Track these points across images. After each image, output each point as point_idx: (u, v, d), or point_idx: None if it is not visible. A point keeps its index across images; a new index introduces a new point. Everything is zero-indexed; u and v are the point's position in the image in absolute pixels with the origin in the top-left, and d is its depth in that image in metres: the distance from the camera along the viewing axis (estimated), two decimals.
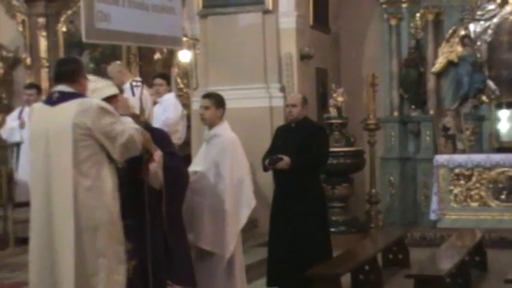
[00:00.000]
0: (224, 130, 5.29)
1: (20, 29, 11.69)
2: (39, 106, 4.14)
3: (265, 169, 6.28)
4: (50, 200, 3.93)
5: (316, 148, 6.14)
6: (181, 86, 11.08)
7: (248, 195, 5.22)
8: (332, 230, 9.03)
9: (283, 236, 6.03)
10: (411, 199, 9.97)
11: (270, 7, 8.92)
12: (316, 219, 6.08)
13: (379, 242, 7.60)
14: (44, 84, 11.27)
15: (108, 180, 4.00)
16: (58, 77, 4.09)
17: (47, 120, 3.99)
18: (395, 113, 10.15)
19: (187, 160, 8.64)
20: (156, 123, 7.35)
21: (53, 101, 4.01)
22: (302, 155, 6.05)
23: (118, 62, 8.14)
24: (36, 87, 8.69)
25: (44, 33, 11.65)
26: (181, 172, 4.65)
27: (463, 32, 9.92)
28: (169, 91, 7.98)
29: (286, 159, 6.00)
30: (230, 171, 5.09)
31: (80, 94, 4.06)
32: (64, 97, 4.02)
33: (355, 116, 9.58)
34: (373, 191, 9.30)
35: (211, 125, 5.32)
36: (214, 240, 5.03)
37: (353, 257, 6.57)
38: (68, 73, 4.08)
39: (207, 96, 5.48)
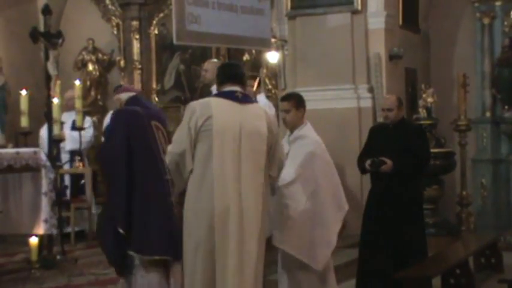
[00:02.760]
0: (309, 131, 5.21)
1: (115, 32, 12.07)
2: (221, 101, 4.22)
3: (364, 171, 6.14)
4: (241, 199, 4.09)
5: (418, 150, 5.97)
6: (270, 86, 11.16)
7: (341, 198, 5.14)
8: None
9: (378, 240, 5.92)
10: (504, 202, 9.69)
11: (359, 7, 8.88)
12: (415, 224, 5.97)
13: (471, 245, 7.43)
14: (137, 85, 11.61)
15: None
16: (233, 78, 4.31)
17: (238, 116, 4.17)
18: (488, 114, 9.90)
19: None
20: None
21: (239, 99, 4.24)
22: (405, 157, 5.88)
23: (215, 60, 8.27)
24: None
25: (137, 36, 11.99)
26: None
27: None
28: (259, 92, 8.05)
29: (389, 162, 5.83)
30: (323, 175, 4.99)
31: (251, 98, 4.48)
32: (246, 98, 4.33)
33: (445, 116, 9.41)
34: (464, 193, 9.11)
35: (293, 127, 5.21)
36: (304, 248, 4.90)
37: (444, 260, 6.45)
38: (242, 76, 4.39)
39: (286, 98, 5.37)
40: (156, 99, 12.08)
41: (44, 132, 7.94)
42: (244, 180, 4.08)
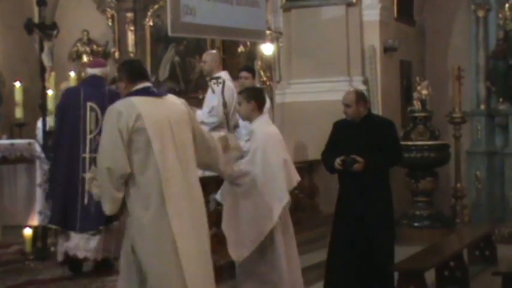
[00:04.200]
0: (259, 125, 5.19)
1: (110, 23, 12.04)
2: (142, 98, 4.16)
3: (333, 170, 5.66)
4: (189, 185, 4.13)
5: (388, 146, 5.59)
6: (264, 78, 11.15)
7: (280, 189, 5.06)
8: (416, 224, 8.99)
9: (348, 238, 5.57)
10: (499, 194, 9.71)
11: (354, 0, 8.87)
12: (383, 222, 5.60)
13: (465, 237, 7.45)
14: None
15: None
16: (143, 74, 4.30)
17: (163, 109, 4.17)
18: (482, 106, 9.90)
19: None
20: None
21: (156, 93, 4.25)
22: (376, 155, 5.49)
23: (214, 51, 8.25)
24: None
25: (132, 28, 11.96)
26: None
27: None
28: (254, 84, 8.04)
29: (361, 161, 5.43)
30: (262, 171, 5.00)
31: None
32: (161, 91, 4.37)
33: (440, 109, 9.42)
34: (459, 185, 9.13)
35: (247, 119, 5.29)
36: (235, 242, 5.03)
37: (438, 253, 6.47)
38: (147, 72, 4.42)
39: (240, 91, 5.50)
40: None
41: (40, 123, 7.93)
42: (185, 169, 4.11)
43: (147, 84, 4.22)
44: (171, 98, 4.31)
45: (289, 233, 5.26)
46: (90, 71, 5.99)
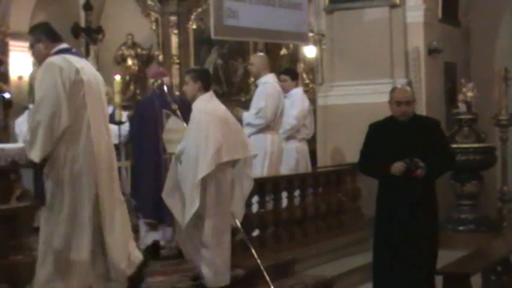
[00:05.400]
0: (197, 103, 5.38)
1: (154, 27, 12.18)
2: (71, 56, 4.43)
3: (383, 176, 5.20)
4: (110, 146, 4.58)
5: (440, 149, 5.20)
6: (307, 81, 11.14)
7: (205, 161, 5.13)
8: (461, 228, 8.86)
9: (392, 242, 5.24)
10: None
11: (397, 1, 8.80)
12: (428, 226, 5.28)
13: None
14: (175, 80, 11.70)
15: None
16: (59, 36, 4.54)
17: (90, 66, 4.57)
18: None
19: (313, 156, 8.72)
20: (286, 117, 7.48)
21: (77, 53, 4.59)
22: (432, 159, 5.09)
23: (261, 54, 8.30)
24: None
25: (176, 31, 12.08)
26: None
27: None
28: (296, 86, 8.05)
29: (423, 166, 5.03)
30: (194, 147, 5.16)
31: None
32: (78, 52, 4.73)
33: (485, 111, 9.28)
34: (505, 188, 8.98)
35: (192, 99, 5.45)
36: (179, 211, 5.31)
37: (484, 257, 6.36)
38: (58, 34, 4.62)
39: (187, 71, 5.81)
40: None
41: None
42: (107, 127, 4.56)
43: (65, 44, 4.47)
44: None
45: (224, 204, 5.34)
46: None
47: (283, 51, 11.56)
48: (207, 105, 5.35)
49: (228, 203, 5.37)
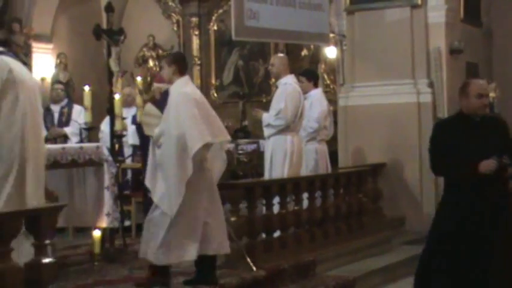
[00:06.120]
0: (174, 86, 5.34)
1: (175, 28, 12.24)
2: (7, 58, 4.64)
3: (471, 174, 4.66)
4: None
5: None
6: (328, 82, 11.14)
7: (191, 141, 5.06)
8: None
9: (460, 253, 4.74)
10: None
11: (419, 1, 8.77)
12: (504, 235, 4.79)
13: None
14: (196, 81, 11.75)
15: None
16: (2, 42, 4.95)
17: (25, 70, 4.80)
18: None
19: (334, 157, 8.71)
20: (306, 120, 7.48)
21: (13, 55, 4.80)
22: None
23: (282, 55, 8.30)
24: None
25: (197, 32, 12.14)
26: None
27: None
28: (315, 86, 8.05)
29: (509, 164, 4.60)
30: (175, 127, 5.08)
31: None
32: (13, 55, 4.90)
33: (508, 111, 9.20)
34: None
35: (170, 82, 5.42)
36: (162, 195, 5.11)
37: None
38: None
39: (163, 57, 5.71)
40: (215, 94, 12.20)
41: (104, 126, 8.11)
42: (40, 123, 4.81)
43: (1, 48, 4.67)
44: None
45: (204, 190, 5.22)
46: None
47: (304, 52, 11.56)
48: (185, 88, 5.34)
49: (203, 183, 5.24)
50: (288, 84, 7.07)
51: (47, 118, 8.21)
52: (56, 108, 8.40)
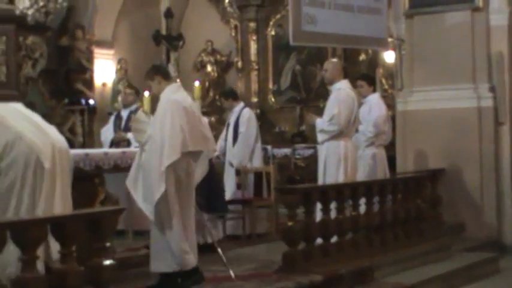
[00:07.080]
0: (164, 94, 5.38)
1: (233, 34, 12.33)
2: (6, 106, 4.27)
3: None
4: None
5: None
6: (386, 86, 11.05)
7: (170, 150, 5.11)
8: None
9: None
10: None
11: (480, 4, 8.61)
12: None
13: None
14: (254, 86, 11.82)
15: None
16: None
17: (41, 130, 4.26)
18: None
19: (392, 162, 8.63)
20: (363, 123, 7.43)
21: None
22: None
23: (335, 60, 8.28)
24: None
25: (254, 37, 12.21)
26: None
27: None
28: (374, 91, 7.99)
29: None
30: (159, 135, 5.14)
31: None
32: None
33: None
34: None
35: (159, 93, 5.44)
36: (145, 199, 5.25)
37: None
38: None
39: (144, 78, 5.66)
40: (273, 99, 12.23)
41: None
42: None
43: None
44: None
45: (185, 195, 5.32)
46: None
47: (362, 57, 11.50)
48: (174, 95, 5.37)
49: (188, 191, 5.36)
50: (341, 90, 7.05)
51: (116, 122, 8.35)
52: (125, 113, 8.40)
